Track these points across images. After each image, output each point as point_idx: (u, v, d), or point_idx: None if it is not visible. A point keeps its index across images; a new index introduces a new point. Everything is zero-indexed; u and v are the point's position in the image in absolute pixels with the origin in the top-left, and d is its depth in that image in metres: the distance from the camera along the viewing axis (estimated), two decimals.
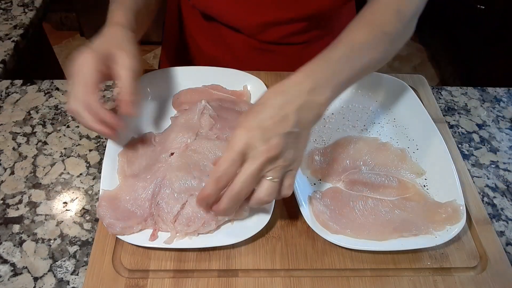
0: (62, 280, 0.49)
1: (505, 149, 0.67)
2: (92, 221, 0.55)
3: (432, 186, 0.58)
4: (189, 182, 0.53)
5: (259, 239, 0.52)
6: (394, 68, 2.34)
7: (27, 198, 0.57)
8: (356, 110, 0.68)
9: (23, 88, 0.71)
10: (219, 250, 0.51)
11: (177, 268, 0.50)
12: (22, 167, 0.60)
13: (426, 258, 0.52)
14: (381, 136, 0.64)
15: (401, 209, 0.54)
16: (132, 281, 0.48)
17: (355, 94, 0.70)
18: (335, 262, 0.51)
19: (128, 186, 0.53)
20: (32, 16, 0.89)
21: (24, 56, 0.85)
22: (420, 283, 0.50)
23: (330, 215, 0.53)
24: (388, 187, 0.57)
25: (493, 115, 0.73)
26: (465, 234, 0.54)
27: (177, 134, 0.58)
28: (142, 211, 0.51)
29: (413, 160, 0.61)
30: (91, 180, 0.59)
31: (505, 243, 0.55)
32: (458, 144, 0.67)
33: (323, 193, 0.56)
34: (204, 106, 0.60)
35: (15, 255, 0.51)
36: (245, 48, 0.77)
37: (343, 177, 0.58)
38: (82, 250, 0.52)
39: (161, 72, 0.69)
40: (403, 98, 0.68)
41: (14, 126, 0.65)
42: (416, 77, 0.74)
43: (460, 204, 0.53)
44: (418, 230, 0.51)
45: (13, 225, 0.54)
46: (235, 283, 0.49)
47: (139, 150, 0.58)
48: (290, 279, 0.49)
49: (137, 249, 0.51)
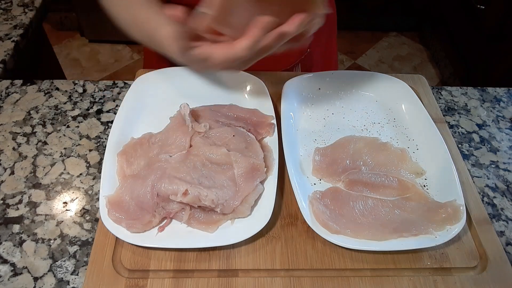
0: (62, 280, 0.49)
1: (505, 149, 0.67)
2: (92, 221, 0.55)
3: (432, 186, 0.58)
4: (188, 176, 0.53)
5: (259, 239, 0.52)
6: (394, 68, 2.34)
7: (27, 198, 0.57)
8: (356, 110, 0.68)
9: (23, 88, 0.71)
10: (219, 250, 0.51)
11: (177, 268, 0.50)
12: (22, 167, 0.60)
13: (426, 258, 0.52)
14: (381, 136, 0.64)
15: (401, 209, 0.54)
16: (132, 281, 0.48)
17: (355, 94, 0.70)
18: (335, 262, 0.51)
19: (128, 186, 0.53)
20: (32, 16, 0.89)
21: (24, 56, 0.85)
22: (420, 283, 0.50)
23: (330, 215, 0.53)
24: (388, 187, 0.57)
25: (493, 115, 0.73)
26: (465, 234, 0.54)
27: (176, 135, 0.58)
28: (147, 204, 0.52)
29: (413, 160, 0.61)
30: (91, 180, 0.59)
31: (505, 243, 0.55)
32: (458, 144, 0.67)
33: (323, 193, 0.56)
34: (184, 107, 0.60)
35: (15, 255, 0.51)
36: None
37: (343, 177, 0.58)
38: (82, 250, 0.52)
39: (161, 72, 0.69)
40: (403, 98, 0.68)
41: (14, 126, 0.65)
42: (416, 77, 0.74)
43: (460, 204, 0.53)
44: (418, 230, 0.51)
45: (13, 225, 0.54)
46: (235, 283, 0.49)
47: (138, 150, 0.58)
48: (290, 279, 0.49)
49: (137, 249, 0.51)
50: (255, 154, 0.57)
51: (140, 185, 0.53)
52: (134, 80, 0.67)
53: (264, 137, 0.62)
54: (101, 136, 0.65)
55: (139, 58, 2.34)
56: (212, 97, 0.67)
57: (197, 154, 0.56)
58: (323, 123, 0.66)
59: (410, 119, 0.66)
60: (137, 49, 2.38)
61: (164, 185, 0.51)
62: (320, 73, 0.70)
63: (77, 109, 0.69)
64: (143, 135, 0.61)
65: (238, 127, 0.62)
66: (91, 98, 0.71)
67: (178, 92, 0.68)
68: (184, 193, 0.50)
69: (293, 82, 0.68)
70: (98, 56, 2.33)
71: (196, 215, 0.52)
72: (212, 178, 0.54)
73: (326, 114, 0.67)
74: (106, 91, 0.72)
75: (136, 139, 0.60)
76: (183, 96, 0.67)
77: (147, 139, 0.60)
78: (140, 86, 0.67)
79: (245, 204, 0.52)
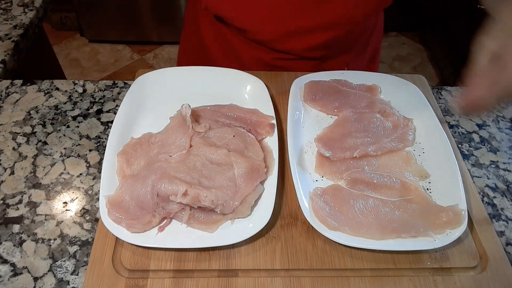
0: (62, 280, 0.49)
1: (505, 149, 0.67)
2: (92, 221, 0.55)
3: (436, 190, 0.57)
4: (188, 176, 0.53)
5: (259, 239, 0.52)
6: (394, 68, 2.34)
7: (27, 198, 0.57)
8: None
9: (23, 88, 0.71)
10: (219, 250, 0.51)
11: (177, 268, 0.50)
12: (22, 167, 0.60)
13: (426, 258, 0.52)
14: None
15: (402, 211, 0.54)
16: (132, 281, 0.48)
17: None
18: (335, 262, 0.51)
19: (128, 186, 0.53)
20: (32, 16, 0.89)
21: (24, 56, 0.85)
22: (420, 283, 0.50)
23: (329, 212, 0.53)
24: (390, 188, 0.57)
25: (493, 115, 0.73)
26: (465, 234, 0.54)
27: (176, 135, 0.58)
28: (147, 204, 0.52)
29: (418, 163, 0.60)
30: (91, 180, 0.59)
31: (505, 243, 0.55)
32: (458, 144, 0.67)
33: (324, 190, 0.56)
34: (186, 108, 0.60)
35: (15, 255, 0.51)
36: (256, 63, 0.76)
37: (346, 175, 0.58)
38: (82, 250, 0.52)
39: (161, 72, 0.69)
40: (412, 100, 0.68)
41: (14, 126, 0.65)
42: (416, 77, 0.74)
43: (462, 209, 0.53)
44: (417, 232, 0.51)
45: (13, 225, 0.54)
46: (235, 283, 0.49)
47: (138, 150, 0.58)
48: (290, 279, 0.49)
49: (137, 249, 0.51)
50: (255, 154, 0.57)
51: (140, 185, 0.53)
52: (134, 80, 0.67)
53: (264, 137, 0.61)
54: (101, 136, 0.65)
55: (139, 58, 2.34)
56: (212, 97, 0.67)
57: (197, 154, 0.56)
58: (330, 121, 0.66)
59: (418, 122, 0.65)
60: (137, 49, 2.38)
61: (164, 185, 0.51)
62: (330, 72, 0.71)
63: (77, 109, 0.69)
64: (143, 135, 0.61)
65: (238, 127, 0.62)
66: (91, 98, 0.71)
67: (178, 92, 0.68)
68: (183, 194, 0.50)
69: (303, 80, 0.69)
70: (98, 56, 2.33)
71: (196, 215, 0.52)
72: (212, 178, 0.54)
73: (333, 113, 0.67)
74: (106, 91, 0.72)
75: (136, 139, 0.60)
76: (183, 96, 0.67)
77: (147, 139, 0.60)
78: (140, 86, 0.67)
79: (245, 204, 0.52)
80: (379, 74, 0.72)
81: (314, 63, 0.77)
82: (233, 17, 0.71)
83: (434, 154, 0.61)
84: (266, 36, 0.71)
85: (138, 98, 0.65)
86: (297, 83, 0.68)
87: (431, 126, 0.64)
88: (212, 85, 0.69)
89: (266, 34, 0.71)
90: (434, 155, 0.61)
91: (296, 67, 0.77)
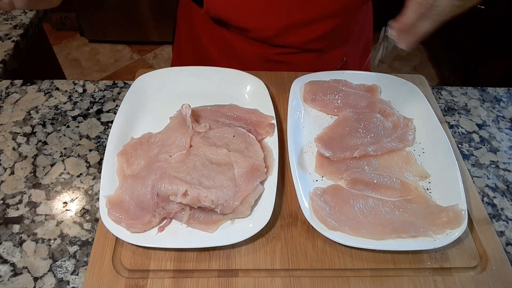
0: (62, 280, 0.49)
1: (505, 149, 0.67)
2: (92, 221, 0.55)
3: (436, 190, 0.57)
4: (188, 176, 0.53)
5: (259, 239, 0.52)
6: (394, 68, 2.34)
7: (27, 198, 0.57)
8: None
9: (23, 88, 0.71)
10: (219, 250, 0.51)
11: (177, 268, 0.50)
12: (22, 167, 0.60)
13: (426, 258, 0.52)
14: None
15: (402, 211, 0.54)
16: (132, 281, 0.48)
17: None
18: (335, 262, 0.51)
19: (128, 186, 0.53)
20: (32, 16, 0.89)
21: (24, 56, 0.85)
22: (420, 283, 0.50)
23: (329, 212, 0.53)
24: (390, 188, 0.57)
25: (493, 115, 0.73)
26: (465, 234, 0.54)
27: (176, 135, 0.58)
28: (147, 204, 0.52)
29: (418, 163, 0.60)
30: (91, 180, 0.59)
31: (505, 243, 0.55)
32: (458, 144, 0.67)
33: (324, 190, 0.56)
34: (186, 108, 0.60)
35: (15, 255, 0.51)
36: (256, 60, 0.76)
37: (346, 175, 0.58)
38: (82, 250, 0.52)
39: (161, 72, 0.69)
40: (413, 100, 0.68)
41: (14, 126, 0.65)
42: (416, 77, 0.74)
43: (462, 209, 0.53)
44: (417, 232, 0.51)
45: (13, 225, 0.54)
46: (235, 283, 0.49)
47: (138, 150, 0.58)
48: (290, 279, 0.49)
49: (137, 249, 0.51)
50: (255, 154, 0.57)
51: (140, 185, 0.53)
52: (134, 80, 0.67)
53: (264, 137, 0.61)
54: (101, 136, 0.65)
55: (139, 58, 2.34)
56: (212, 97, 0.67)
57: (197, 154, 0.56)
58: (330, 121, 0.66)
59: (418, 122, 0.65)
60: (137, 49, 2.38)
61: (164, 185, 0.51)
62: (330, 72, 0.71)
63: (77, 109, 0.69)
64: (143, 135, 0.61)
65: (238, 127, 0.62)
66: (91, 98, 0.71)
67: (178, 92, 0.68)
68: (183, 194, 0.50)
69: (303, 80, 0.69)
70: (98, 56, 2.33)
71: (196, 215, 0.52)
72: (212, 178, 0.54)
73: (333, 113, 0.67)
74: (106, 91, 0.72)
75: (136, 139, 0.60)
76: (183, 96, 0.67)
77: (147, 139, 0.60)
78: (140, 86, 0.67)
79: (245, 204, 0.52)
80: (379, 74, 0.72)
81: (315, 55, 0.77)
82: (235, 18, 0.71)
83: (434, 154, 0.61)
84: (268, 32, 0.72)
85: (138, 98, 0.65)
86: (297, 83, 0.68)
87: (431, 126, 0.64)
88: (212, 85, 0.69)
89: (267, 30, 0.71)
90: (434, 155, 0.61)
91: (297, 60, 0.77)
